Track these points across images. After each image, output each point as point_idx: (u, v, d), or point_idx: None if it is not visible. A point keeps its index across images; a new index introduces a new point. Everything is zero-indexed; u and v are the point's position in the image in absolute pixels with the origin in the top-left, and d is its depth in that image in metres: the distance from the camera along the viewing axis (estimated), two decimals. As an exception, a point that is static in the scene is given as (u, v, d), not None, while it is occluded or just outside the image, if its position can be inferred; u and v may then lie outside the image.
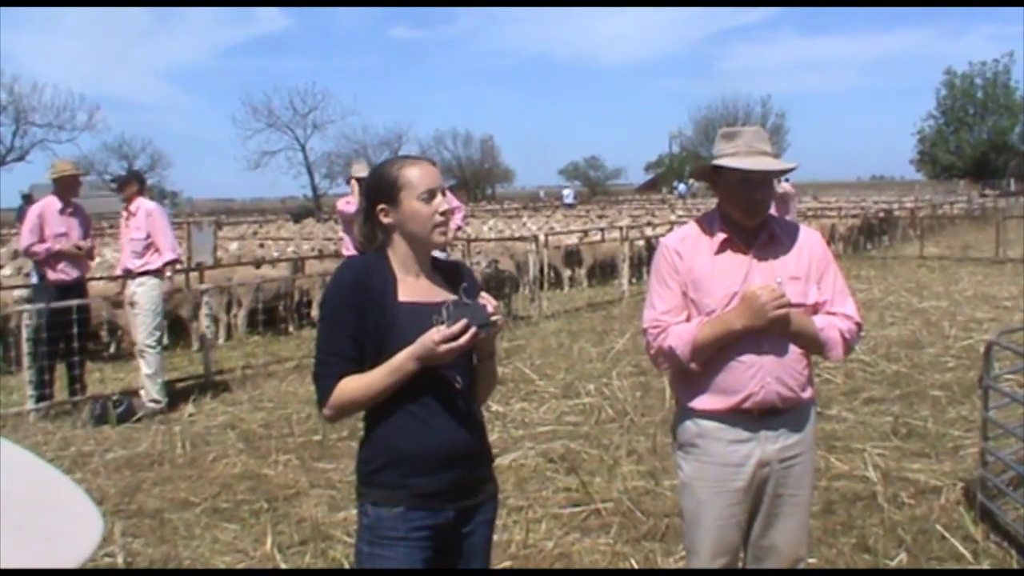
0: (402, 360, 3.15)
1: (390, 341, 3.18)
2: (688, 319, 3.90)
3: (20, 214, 30.70)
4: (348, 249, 12.24)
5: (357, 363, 3.22)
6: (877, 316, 14.82)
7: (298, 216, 48.59)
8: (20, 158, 65.64)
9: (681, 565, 5.74)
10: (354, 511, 6.73)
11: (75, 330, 10.36)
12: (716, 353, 3.84)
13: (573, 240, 22.10)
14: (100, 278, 12.95)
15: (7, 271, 16.26)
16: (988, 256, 23.80)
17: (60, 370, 10.69)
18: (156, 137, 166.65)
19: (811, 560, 5.77)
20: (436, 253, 3.47)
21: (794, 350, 3.90)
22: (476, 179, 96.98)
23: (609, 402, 9.62)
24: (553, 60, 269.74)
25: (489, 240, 21.16)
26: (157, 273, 10.16)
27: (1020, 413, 7.33)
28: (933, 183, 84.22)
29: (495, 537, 6.13)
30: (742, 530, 4.02)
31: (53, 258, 10.32)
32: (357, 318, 3.20)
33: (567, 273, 20.99)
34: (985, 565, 5.59)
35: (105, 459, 8.32)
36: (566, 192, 69.29)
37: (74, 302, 10.37)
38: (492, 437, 8.19)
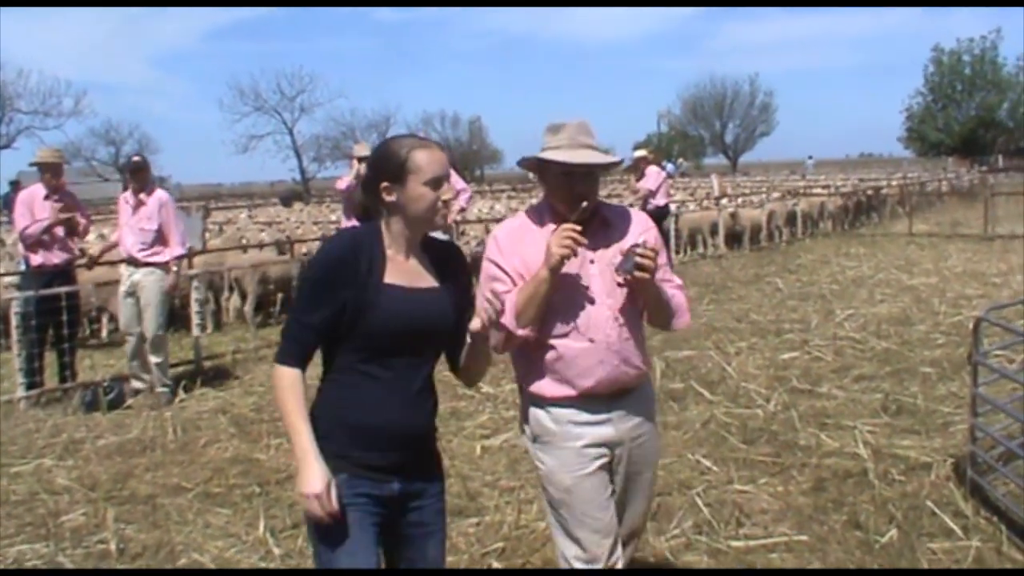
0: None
1: (367, 319, 3.25)
2: None
3: (7, 202, 30.64)
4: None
5: (323, 338, 3.31)
6: (867, 293, 14.87)
7: (287, 200, 48.42)
8: (6, 145, 65.56)
9: (673, 544, 5.78)
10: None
11: (64, 317, 10.35)
12: (563, 340, 3.94)
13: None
14: (107, 263, 12.81)
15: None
16: (977, 233, 23.81)
17: (50, 357, 10.68)
18: (143, 122, 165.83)
19: (802, 537, 5.80)
20: (436, 233, 3.52)
21: (632, 332, 4.04)
22: (464, 161, 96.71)
23: (600, 382, 9.61)
24: (539, 39, 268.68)
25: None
26: (165, 265, 10.06)
27: (1009, 389, 7.36)
28: (922, 160, 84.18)
29: (487, 519, 6.18)
30: (613, 507, 4.07)
31: (38, 243, 10.27)
32: (336, 293, 3.24)
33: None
34: (975, 540, 5.61)
35: (96, 445, 8.31)
36: None
37: (63, 289, 10.34)
38: (483, 418, 8.27)
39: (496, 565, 5.61)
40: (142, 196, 9.99)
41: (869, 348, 10.86)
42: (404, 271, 3.33)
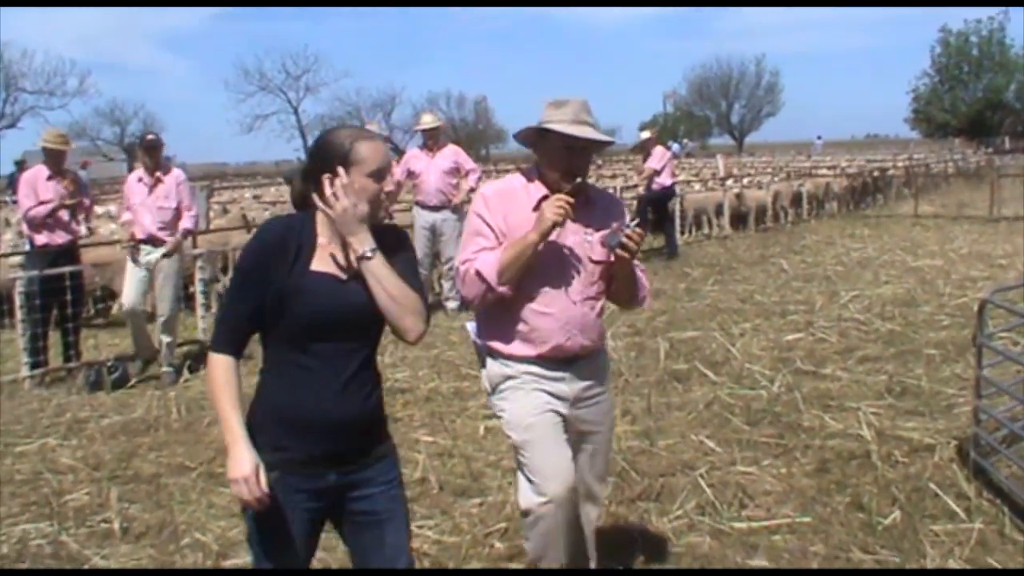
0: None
1: (292, 305, 3.25)
2: None
3: (12, 181, 30.62)
4: None
5: (256, 325, 3.32)
6: (872, 275, 14.85)
7: (291, 179, 48.32)
8: (11, 125, 65.45)
9: (676, 525, 5.78)
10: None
11: (68, 296, 10.36)
12: (528, 305, 4.21)
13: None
14: (110, 242, 12.84)
15: (7, 236, 16.24)
16: (982, 214, 23.76)
17: (54, 336, 10.69)
18: (148, 102, 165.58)
19: (805, 519, 5.80)
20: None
21: (595, 306, 4.34)
22: (470, 141, 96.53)
23: (604, 363, 9.62)
24: (546, 21, 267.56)
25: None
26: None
27: (1013, 371, 7.35)
28: (928, 142, 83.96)
29: (490, 499, 6.17)
30: (570, 452, 4.33)
31: (42, 223, 10.25)
32: (264, 282, 3.25)
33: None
34: (978, 522, 5.61)
35: (101, 425, 8.33)
36: None
37: (66, 268, 10.34)
38: (486, 398, 8.20)
39: (498, 545, 5.61)
40: (158, 174, 9.99)
41: (874, 330, 10.86)
42: (335, 259, 3.31)
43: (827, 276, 14.96)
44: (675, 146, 73.34)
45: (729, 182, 25.08)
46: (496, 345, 4.33)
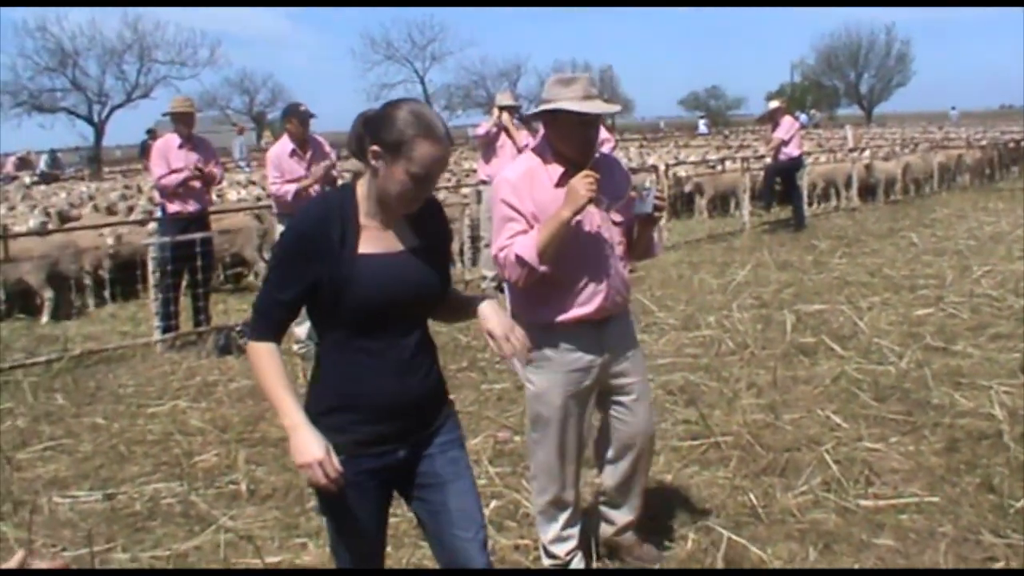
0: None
1: (347, 292, 3.17)
2: None
3: (143, 150, 31.50)
4: (481, 172, 12.54)
5: (295, 312, 3.30)
6: (1005, 249, 14.44)
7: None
8: (145, 95, 66.53)
9: (801, 500, 5.71)
10: (476, 439, 6.80)
11: (199, 262, 10.58)
12: (565, 274, 4.43)
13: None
14: (239, 209, 13.08)
15: (141, 202, 16.67)
16: (1124, 187, 22.98)
17: (185, 301, 10.95)
18: (277, 71, 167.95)
19: (933, 498, 5.68)
20: None
21: (622, 264, 4.62)
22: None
23: (729, 334, 9.55)
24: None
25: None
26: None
27: None
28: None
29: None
30: (585, 430, 4.78)
31: (174, 192, 10.46)
32: (307, 268, 3.17)
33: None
34: (1117, 506, 5.44)
35: (229, 389, 8.53)
36: (702, 122, 69.04)
37: (197, 235, 10.56)
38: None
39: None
40: (311, 151, 10.08)
41: (1007, 306, 10.55)
42: (380, 236, 3.24)
43: (958, 250, 14.59)
44: (803, 117, 72.42)
45: (855, 153, 24.60)
46: (534, 316, 4.49)
